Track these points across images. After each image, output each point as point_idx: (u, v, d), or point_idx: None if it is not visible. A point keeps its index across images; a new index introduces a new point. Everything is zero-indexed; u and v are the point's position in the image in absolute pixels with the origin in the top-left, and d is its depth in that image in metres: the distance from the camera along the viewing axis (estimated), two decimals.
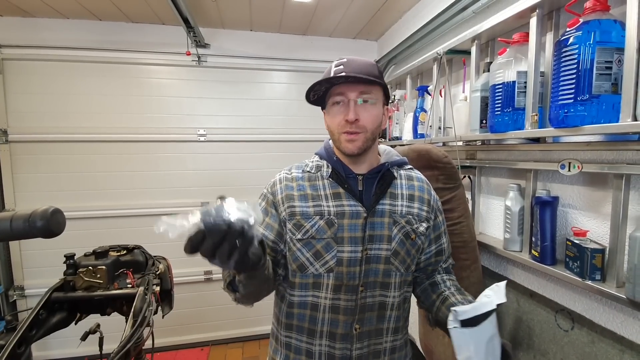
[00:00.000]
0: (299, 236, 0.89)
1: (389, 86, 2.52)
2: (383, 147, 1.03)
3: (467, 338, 0.74)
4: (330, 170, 0.94)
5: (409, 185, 0.97)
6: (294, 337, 0.92)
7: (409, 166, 1.03)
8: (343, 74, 0.82)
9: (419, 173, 1.04)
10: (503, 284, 0.80)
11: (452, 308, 0.78)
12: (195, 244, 0.54)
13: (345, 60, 0.86)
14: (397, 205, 0.92)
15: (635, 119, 0.87)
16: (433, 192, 1.01)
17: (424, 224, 0.95)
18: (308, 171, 0.96)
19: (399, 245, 0.90)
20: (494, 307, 0.74)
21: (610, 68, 0.92)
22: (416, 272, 1.01)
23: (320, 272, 0.87)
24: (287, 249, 0.92)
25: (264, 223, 0.92)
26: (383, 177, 0.93)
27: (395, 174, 0.96)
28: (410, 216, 0.93)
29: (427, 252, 1.00)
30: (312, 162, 0.98)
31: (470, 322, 0.74)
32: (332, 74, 0.85)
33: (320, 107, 0.96)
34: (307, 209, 0.89)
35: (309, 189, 0.92)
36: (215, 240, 0.54)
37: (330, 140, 0.97)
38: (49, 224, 0.56)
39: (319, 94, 0.90)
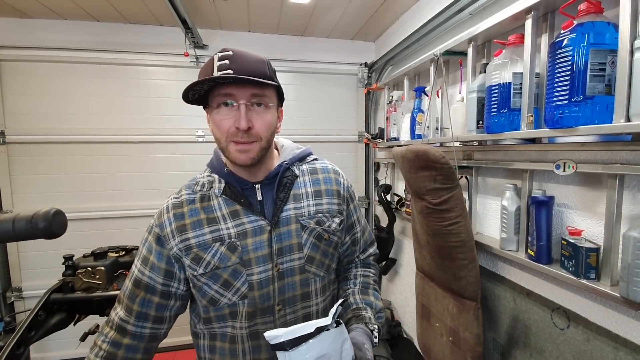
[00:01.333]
0: (200, 271, 0.78)
1: (386, 87, 2.53)
2: (283, 142, 0.94)
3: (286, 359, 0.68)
4: (222, 185, 0.82)
5: (313, 181, 0.89)
6: None
7: (312, 157, 0.94)
8: (230, 71, 0.70)
9: (325, 162, 0.95)
10: (335, 305, 0.73)
11: (265, 333, 0.68)
12: None
13: (230, 53, 0.72)
14: (302, 207, 0.84)
15: (628, 119, 0.88)
16: (343, 180, 0.94)
17: (337, 219, 0.88)
18: (200, 190, 0.83)
19: (311, 250, 0.83)
20: (311, 330, 0.68)
21: (604, 70, 0.93)
22: (337, 265, 0.96)
23: (234, 300, 0.78)
24: (192, 286, 0.81)
25: (149, 263, 0.80)
26: (282, 179, 0.85)
27: (297, 171, 0.88)
28: (321, 214, 0.86)
29: (344, 243, 0.96)
30: (203, 177, 0.86)
31: (292, 344, 0.67)
32: (215, 70, 0.71)
33: (202, 107, 0.82)
34: (203, 237, 0.78)
35: (203, 213, 0.80)
36: None
37: None
38: (51, 225, 0.57)
39: (200, 93, 0.76)
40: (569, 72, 0.97)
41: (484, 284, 1.58)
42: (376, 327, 0.86)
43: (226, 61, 0.71)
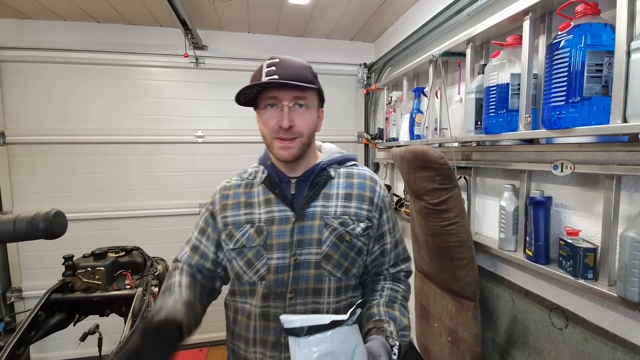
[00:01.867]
0: (231, 246, 0.88)
1: (386, 88, 2.54)
2: (327, 146, 1.00)
3: (294, 346, 0.68)
4: (264, 175, 0.92)
5: (347, 184, 0.92)
6: (235, 344, 0.92)
7: (353, 163, 0.98)
8: (275, 77, 0.78)
9: (365, 169, 0.98)
10: (355, 305, 0.73)
11: (281, 316, 0.70)
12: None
13: (277, 60, 0.81)
14: (330, 207, 0.88)
15: (625, 120, 0.88)
16: (379, 189, 0.95)
17: (363, 224, 0.89)
18: (246, 178, 0.95)
19: (331, 249, 0.86)
20: (326, 322, 0.68)
21: (601, 71, 0.94)
22: (363, 275, 0.97)
23: (254, 279, 0.86)
24: (226, 259, 0.92)
25: (205, 234, 0.94)
26: (316, 178, 0.90)
27: (333, 173, 0.92)
28: (346, 216, 0.88)
29: (372, 252, 0.95)
30: (252, 168, 0.97)
31: (305, 332, 0.67)
32: (263, 76, 0.80)
33: (253, 108, 0.91)
34: (238, 217, 0.89)
35: (243, 197, 0.91)
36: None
37: None
38: (52, 226, 0.58)
39: (250, 96, 0.86)
40: (566, 73, 0.97)
41: (483, 284, 1.58)
42: (397, 344, 0.81)
43: (273, 67, 0.80)
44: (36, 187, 2.47)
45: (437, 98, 1.84)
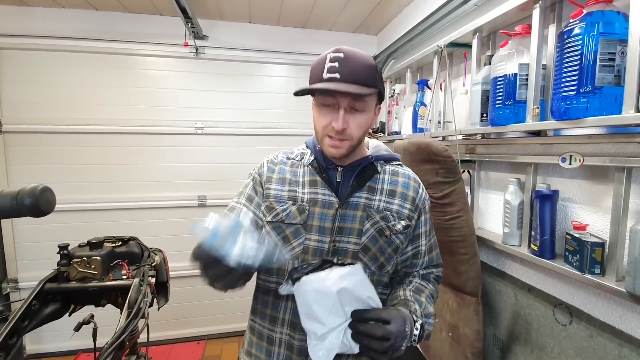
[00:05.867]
0: (269, 218, 0.87)
1: (388, 81, 2.51)
2: (374, 142, 0.99)
3: (305, 288, 0.70)
4: (312, 158, 0.92)
5: (392, 181, 0.91)
6: (257, 322, 0.91)
7: (398, 162, 0.97)
8: (337, 75, 0.75)
9: (409, 170, 0.97)
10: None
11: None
12: (194, 258, 0.64)
13: (342, 55, 0.77)
14: (374, 200, 0.88)
15: (637, 110, 0.86)
16: (421, 191, 0.94)
17: (403, 222, 0.88)
18: (293, 158, 0.95)
19: (370, 241, 0.85)
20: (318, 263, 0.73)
21: (614, 60, 0.91)
22: (392, 274, 0.94)
23: (286, 257, 0.85)
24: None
25: (254, 202, 0.92)
26: (364, 169, 0.90)
27: (379, 168, 0.92)
28: (388, 212, 0.87)
29: (405, 252, 0.93)
30: (299, 149, 0.98)
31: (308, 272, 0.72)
32: (325, 71, 0.77)
33: (311, 95, 0.86)
34: (281, 192, 0.89)
35: (289, 174, 0.91)
36: (207, 265, 0.63)
37: None
38: (38, 202, 0.54)
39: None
40: (578, 62, 0.94)
41: (485, 279, 1.56)
42: (420, 322, 0.79)
43: (335, 63, 0.76)
44: (32, 176, 2.43)
45: (441, 90, 1.81)
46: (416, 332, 0.77)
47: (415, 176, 0.96)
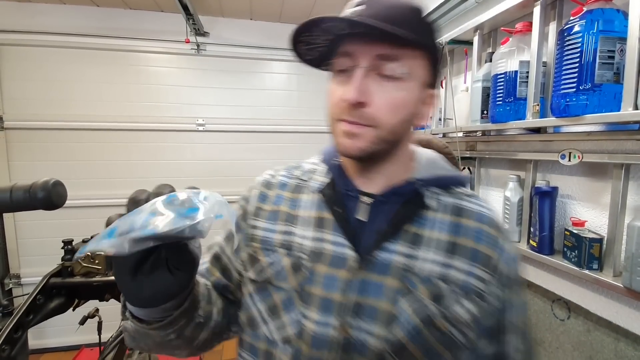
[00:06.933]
0: (251, 274, 0.58)
1: None
2: (425, 153, 0.63)
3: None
4: (326, 180, 0.59)
5: (452, 225, 0.54)
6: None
7: (464, 190, 0.60)
8: (355, 18, 0.45)
9: (483, 204, 0.58)
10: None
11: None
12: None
13: None
14: (418, 258, 0.51)
15: (636, 108, 0.87)
16: (506, 246, 0.55)
17: (470, 303, 0.51)
18: (297, 177, 0.63)
19: (408, 335, 0.48)
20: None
21: (613, 57, 0.92)
22: None
23: (274, 338, 0.53)
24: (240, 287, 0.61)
25: (230, 242, 0.63)
26: (407, 204, 0.55)
27: (433, 201, 0.55)
28: (444, 283, 0.51)
29: (481, 355, 0.54)
30: (309, 164, 0.66)
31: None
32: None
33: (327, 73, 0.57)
34: (272, 234, 0.58)
35: (285, 204, 0.60)
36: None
37: None
38: (50, 195, 0.56)
39: (323, 52, 0.54)
40: (578, 60, 0.95)
41: None
42: None
43: (362, 6, 0.47)
44: (34, 173, 2.45)
45: (442, 87, 1.82)
46: None
47: (495, 217, 0.58)
